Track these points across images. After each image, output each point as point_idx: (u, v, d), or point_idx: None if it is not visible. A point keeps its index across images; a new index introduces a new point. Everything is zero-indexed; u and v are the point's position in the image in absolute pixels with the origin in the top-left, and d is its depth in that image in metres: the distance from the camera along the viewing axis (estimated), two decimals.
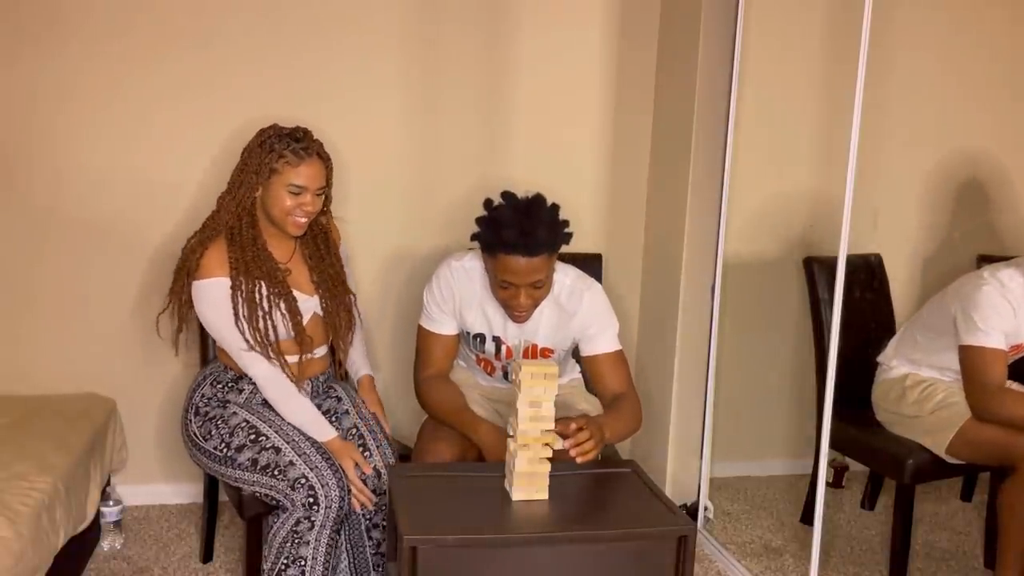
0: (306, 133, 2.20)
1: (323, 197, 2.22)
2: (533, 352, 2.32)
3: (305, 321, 2.25)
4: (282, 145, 2.14)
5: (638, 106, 3.09)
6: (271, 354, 2.18)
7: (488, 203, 2.13)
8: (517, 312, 2.17)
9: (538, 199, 2.12)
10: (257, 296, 2.16)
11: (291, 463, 2.09)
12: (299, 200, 2.15)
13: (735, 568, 2.77)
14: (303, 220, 2.18)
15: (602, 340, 2.27)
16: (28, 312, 2.81)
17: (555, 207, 2.13)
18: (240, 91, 2.79)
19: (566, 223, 2.14)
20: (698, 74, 2.79)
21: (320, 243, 2.33)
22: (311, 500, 2.06)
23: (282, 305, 2.19)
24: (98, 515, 2.65)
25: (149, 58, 2.74)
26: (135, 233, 2.81)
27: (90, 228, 2.79)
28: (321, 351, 2.34)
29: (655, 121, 3.09)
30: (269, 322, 2.17)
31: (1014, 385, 2.72)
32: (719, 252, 2.89)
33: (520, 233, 2.03)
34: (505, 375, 2.39)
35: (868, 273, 2.93)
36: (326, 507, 2.07)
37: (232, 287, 2.14)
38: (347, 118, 2.84)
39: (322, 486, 2.07)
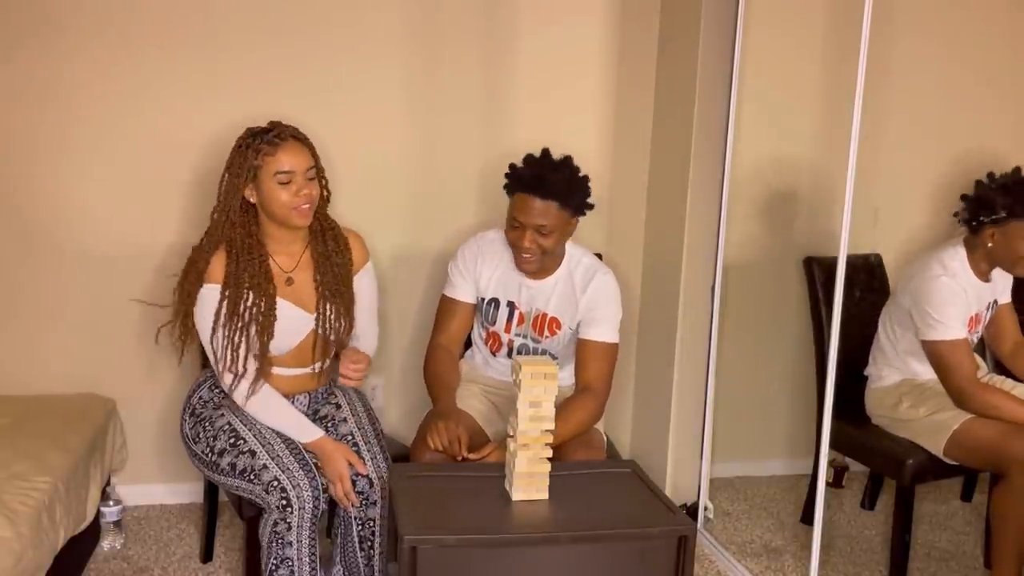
0: (277, 123, 2.19)
1: (316, 181, 2.19)
2: (542, 321, 2.40)
3: (300, 338, 2.23)
4: (257, 141, 2.14)
5: (638, 107, 3.09)
6: (241, 365, 2.14)
7: (526, 155, 2.34)
8: (522, 256, 2.31)
9: (567, 159, 2.32)
10: (241, 307, 2.14)
11: (264, 466, 2.09)
12: (292, 189, 2.13)
13: (735, 568, 2.77)
14: (306, 207, 2.15)
15: (598, 328, 2.36)
16: (28, 312, 2.80)
17: (584, 177, 2.32)
18: (233, 88, 2.79)
19: (586, 189, 2.32)
20: (698, 75, 2.79)
21: (328, 239, 2.27)
22: (284, 502, 2.06)
23: (260, 319, 2.15)
24: (98, 515, 2.65)
25: (145, 56, 2.73)
26: (134, 232, 2.82)
27: (89, 227, 2.79)
28: (316, 367, 2.31)
29: (655, 122, 3.09)
30: (244, 333, 2.14)
31: (996, 379, 2.73)
32: (719, 252, 2.89)
33: (536, 176, 2.26)
34: (509, 353, 2.45)
35: (868, 273, 2.94)
36: (299, 508, 2.07)
37: (221, 295, 2.14)
38: (343, 117, 2.83)
39: (293, 487, 2.06)
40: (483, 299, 2.45)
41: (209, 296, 2.14)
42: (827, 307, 2.65)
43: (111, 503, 2.70)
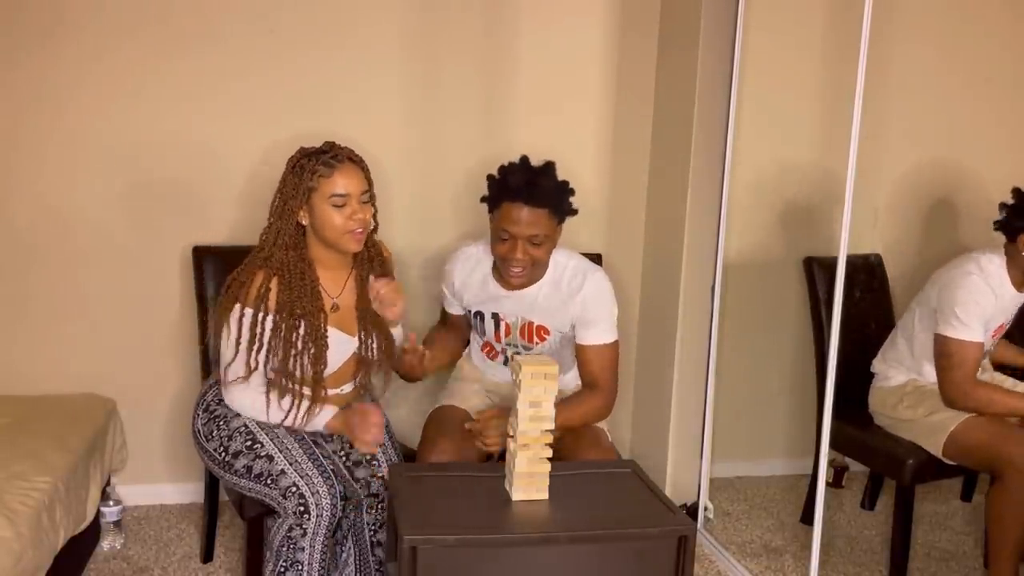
0: (333, 144, 2.15)
1: (369, 205, 2.14)
2: (529, 330, 2.37)
3: (342, 362, 2.21)
4: (312, 162, 2.08)
5: (638, 107, 3.09)
6: (295, 392, 2.12)
7: (502, 165, 2.27)
8: (514, 268, 2.24)
9: (549, 164, 2.26)
10: (293, 336, 2.10)
11: (282, 472, 2.08)
12: (346, 212, 2.08)
13: (735, 568, 2.77)
14: (360, 231, 2.11)
15: (595, 330, 2.33)
16: (28, 312, 2.80)
17: (567, 182, 2.27)
18: (234, 93, 2.79)
19: (571, 192, 2.28)
20: (698, 75, 2.79)
21: (376, 266, 2.25)
22: (302, 509, 2.06)
23: (312, 349, 2.12)
24: (98, 515, 2.65)
25: (144, 60, 2.73)
26: (134, 233, 2.82)
27: (90, 227, 2.79)
28: (349, 387, 2.29)
29: (655, 122, 3.09)
30: (298, 362, 2.11)
31: (997, 376, 2.73)
32: (719, 252, 2.89)
33: (526, 182, 2.18)
34: (506, 361, 2.45)
35: (868, 273, 2.94)
36: (317, 515, 2.06)
37: (274, 324, 2.08)
38: (342, 120, 2.81)
39: (312, 494, 2.06)
40: (470, 312, 2.45)
41: (257, 321, 2.07)
42: (827, 307, 2.65)
43: (111, 503, 2.70)
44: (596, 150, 3.08)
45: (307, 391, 2.14)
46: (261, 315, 2.08)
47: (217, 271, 2.59)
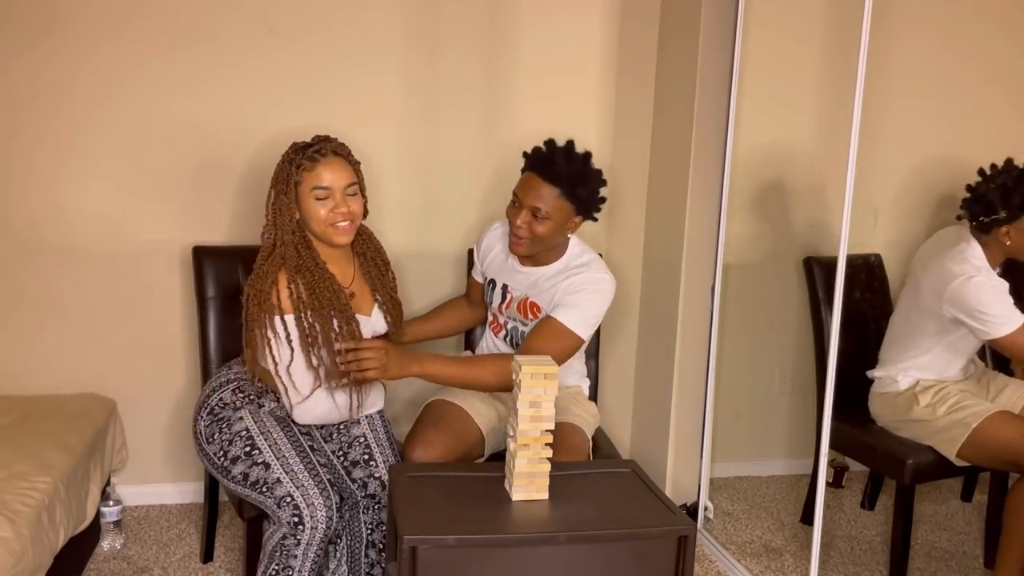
0: (323, 138, 2.16)
1: (357, 197, 2.16)
2: (525, 306, 2.41)
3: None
4: (299, 156, 2.10)
5: (639, 106, 3.09)
6: (338, 382, 2.13)
7: (547, 141, 2.38)
8: (515, 235, 2.32)
9: (586, 154, 2.34)
10: (328, 326, 2.11)
11: (278, 480, 2.07)
12: (329, 205, 2.10)
13: (735, 568, 2.77)
14: (345, 224, 2.12)
15: (566, 311, 2.27)
16: (29, 312, 2.80)
17: (598, 174, 2.33)
18: (236, 90, 2.79)
19: (594, 185, 2.32)
20: (698, 74, 2.79)
21: (378, 261, 2.30)
22: (296, 520, 2.04)
23: (346, 331, 2.13)
24: (98, 515, 2.65)
25: (143, 57, 2.73)
26: (134, 232, 2.82)
27: (90, 227, 2.79)
28: None
29: (655, 122, 3.09)
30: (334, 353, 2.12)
31: (1000, 377, 2.73)
32: (719, 252, 2.89)
33: (545, 158, 2.29)
34: (507, 336, 2.48)
35: (868, 273, 2.94)
36: (311, 527, 2.04)
37: (310, 320, 2.08)
38: (343, 114, 2.83)
39: (307, 506, 2.04)
40: (486, 279, 2.54)
41: (302, 319, 2.08)
42: (827, 307, 2.65)
43: (111, 503, 2.70)
44: (596, 149, 3.04)
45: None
46: (302, 314, 2.08)
47: (217, 271, 2.59)
